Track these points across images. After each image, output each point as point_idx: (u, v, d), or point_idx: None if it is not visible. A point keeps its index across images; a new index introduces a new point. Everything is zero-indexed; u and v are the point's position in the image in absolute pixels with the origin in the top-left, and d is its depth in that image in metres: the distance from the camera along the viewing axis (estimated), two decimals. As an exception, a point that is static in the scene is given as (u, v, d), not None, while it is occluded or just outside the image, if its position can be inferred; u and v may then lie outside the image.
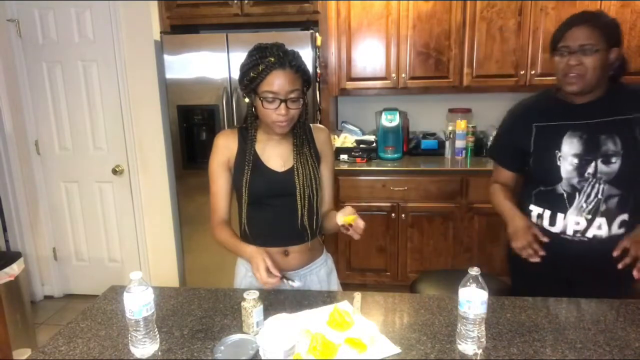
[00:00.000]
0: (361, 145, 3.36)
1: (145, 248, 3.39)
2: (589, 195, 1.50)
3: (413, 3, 3.10)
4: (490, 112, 3.53)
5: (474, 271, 1.14)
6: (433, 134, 3.54)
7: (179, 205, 3.26)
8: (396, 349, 1.17)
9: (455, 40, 3.13)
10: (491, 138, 3.38)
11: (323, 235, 1.69)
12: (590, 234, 1.52)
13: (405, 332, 1.25)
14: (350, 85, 3.30)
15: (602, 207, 1.49)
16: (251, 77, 1.37)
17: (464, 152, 3.32)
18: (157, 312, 1.25)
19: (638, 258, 1.38)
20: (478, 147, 3.38)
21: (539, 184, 1.60)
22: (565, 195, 1.53)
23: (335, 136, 3.45)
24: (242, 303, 1.25)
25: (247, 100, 1.46)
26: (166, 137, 3.21)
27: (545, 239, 1.49)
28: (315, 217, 1.55)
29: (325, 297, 1.47)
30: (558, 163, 1.53)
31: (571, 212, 1.53)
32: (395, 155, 3.35)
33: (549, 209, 1.58)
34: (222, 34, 2.97)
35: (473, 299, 1.12)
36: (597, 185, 1.49)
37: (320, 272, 1.62)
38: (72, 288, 3.52)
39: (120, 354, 1.19)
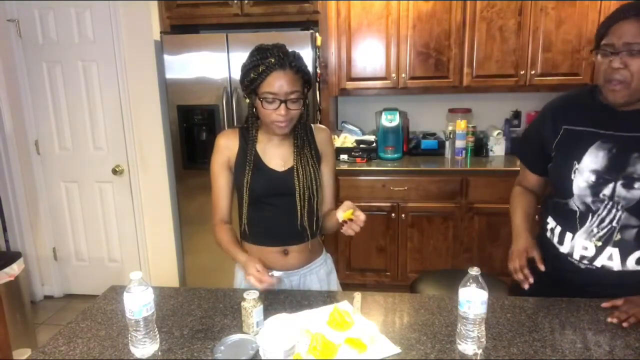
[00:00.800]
0: (361, 145, 3.36)
1: (145, 248, 3.39)
2: (602, 220, 1.31)
3: (413, 3, 3.10)
4: (490, 112, 3.54)
5: (474, 271, 1.13)
6: (433, 134, 3.54)
7: (179, 205, 3.27)
8: (396, 349, 1.17)
9: (455, 40, 3.13)
10: (491, 138, 3.39)
11: (323, 235, 1.70)
12: (599, 262, 1.34)
13: (405, 332, 1.25)
14: (350, 85, 3.30)
15: (616, 237, 1.30)
16: (251, 78, 1.38)
17: (464, 152, 3.32)
18: (157, 312, 1.25)
19: (629, 315, 1.25)
20: (478, 147, 3.38)
21: (556, 194, 1.44)
22: (577, 213, 1.35)
23: (335, 136, 3.45)
24: (242, 303, 1.25)
25: (247, 100, 1.46)
26: (166, 137, 3.21)
27: (542, 267, 1.35)
28: (315, 218, 1.55)
29: (325, 297, 1.47)
30: (572, 177, 1.33)
31: (580, 234, 1.35)
32: (395, 155, 3.35)
33: (560, 225, 1.41)
34: (222, 34, 2.97)
35: (473, 299, 1.12)
36: (613, 211, 1.29)
37: (320, 272, 1.62)
38: (72, 288, 3.52)
39: (120, 354, 1.19)
